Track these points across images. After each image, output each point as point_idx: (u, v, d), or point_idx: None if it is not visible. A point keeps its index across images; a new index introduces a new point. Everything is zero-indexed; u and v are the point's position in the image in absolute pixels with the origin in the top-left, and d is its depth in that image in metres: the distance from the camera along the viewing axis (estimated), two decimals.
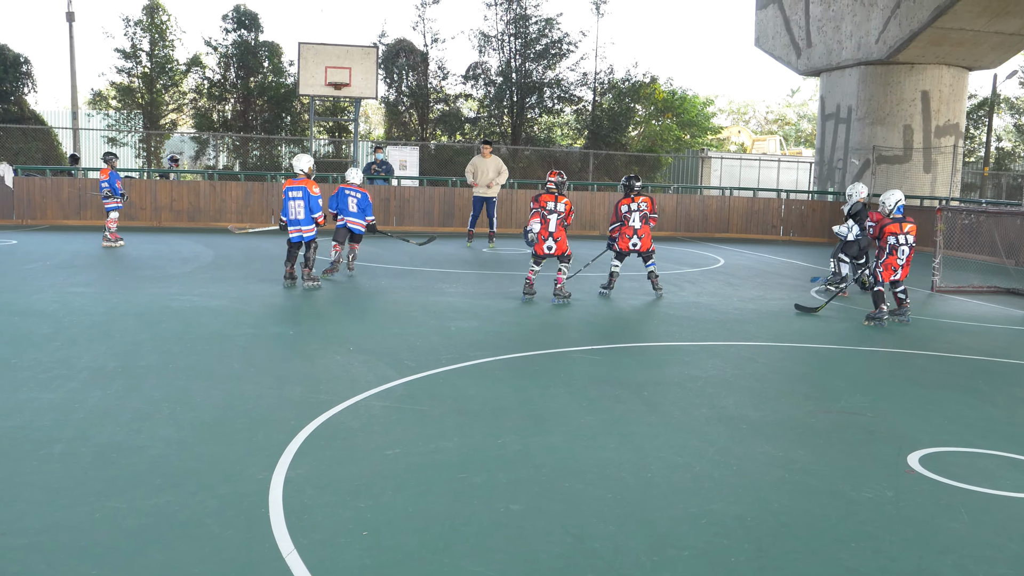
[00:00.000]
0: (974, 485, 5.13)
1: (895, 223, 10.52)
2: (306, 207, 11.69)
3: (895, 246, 10.47)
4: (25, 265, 12.96)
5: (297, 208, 11.69)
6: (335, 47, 23.53)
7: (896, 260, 10.46)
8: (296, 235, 11.78)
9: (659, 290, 12.01)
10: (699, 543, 4.23)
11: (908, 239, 10.47)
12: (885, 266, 10.48)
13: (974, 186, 34.86)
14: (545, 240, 11.20)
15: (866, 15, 24.48)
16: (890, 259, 10.47)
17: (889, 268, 10.47)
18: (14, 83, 29.53)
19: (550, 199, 11.21)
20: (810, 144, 53.70)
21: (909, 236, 10.48)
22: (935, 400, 7.18)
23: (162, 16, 30.15)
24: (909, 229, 10.50)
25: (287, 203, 11.76)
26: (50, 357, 7.41)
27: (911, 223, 10.60)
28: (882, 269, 10.48)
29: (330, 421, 5.91)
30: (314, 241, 11.83)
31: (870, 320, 10.46)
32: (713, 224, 23.75)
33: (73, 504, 4.40)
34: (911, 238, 10.50)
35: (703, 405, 6.68)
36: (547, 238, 11.19)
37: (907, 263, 10.54)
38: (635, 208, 11.75)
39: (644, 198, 11.85)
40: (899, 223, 10.51)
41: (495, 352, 8.19)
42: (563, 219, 11.26)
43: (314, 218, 11.75)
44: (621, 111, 33.48)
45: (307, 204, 11.68)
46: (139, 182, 20.99)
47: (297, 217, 11.71)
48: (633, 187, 11.89)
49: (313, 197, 11.67)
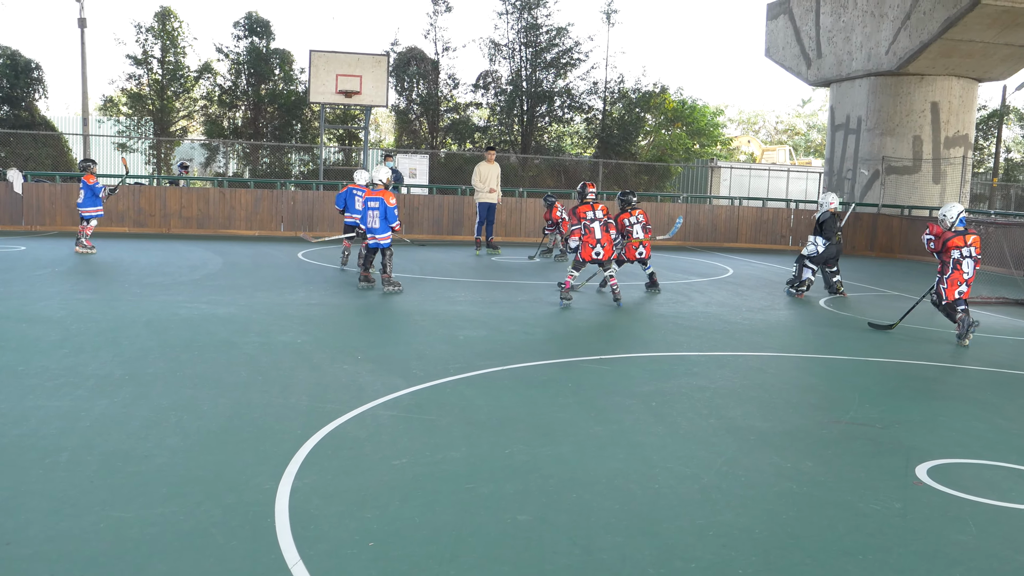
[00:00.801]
0: (983, 497, 5.10)
1: (958, 236, 10.02)
2: (382, 216, 12.26)
3: (959, 260, 9.98)
4: (33, 272, 12.98)
5: (374, 217, 12.30)
6: (346, 55, 23.62)
7: (962, 275, 9.94)
8: (373, 242, 12.42)
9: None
10: (707, 555, 4.20)
11: (971, 251, 9.98)
12: (950, 282, 9.98)
13: (983, 197, 34.77)
14: (593, 247, 11.67)
15: (876, 26, 24.45)
16: (956, 274, 9.96)
17: (954, 284, 9.96)
18: (25, 89, 29.63)
19: (588, 209, 11.78)
20: (820, 154, 53.62)
21: (972, 248, 9.99)
22: (944, 411, 7.14)
23: (174, 23, 30.24)
24: (972, 241, 10.00)
25: (365, 212, 12.45)
26: (57, 364, 7.42)
27: (974, 234, 10.10)
28: (947, 286, 9.98)
29: (337, 431, 5.90)
30: (390, 248, 12.41)
31: (961, 338, 9.97)
32: (722, 234, 23.74)
33: (78, 513, 4.40)
34: (974, 250, 10.01)
35: (711, 416, 6.66)
36: (594, 245, 11.67)
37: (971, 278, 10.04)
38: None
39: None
40: (962, 236, 10.03)
41: (503, 362, 8.18)
42: (605, 224, 11.73)
43: (391, 227, 12.33)
44: (631, 120, 33.48)
45: (383, 214, 12.25)
46: (149, 189, 21.05)
47: (374, 226, 12.33)
48: (630, 202, 12.37)
49: (389, 208, 12.25)
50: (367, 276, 12.70)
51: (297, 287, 12.42)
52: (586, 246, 11.77)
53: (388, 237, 12.34)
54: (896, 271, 17.95)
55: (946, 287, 10.00)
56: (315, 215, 21.27)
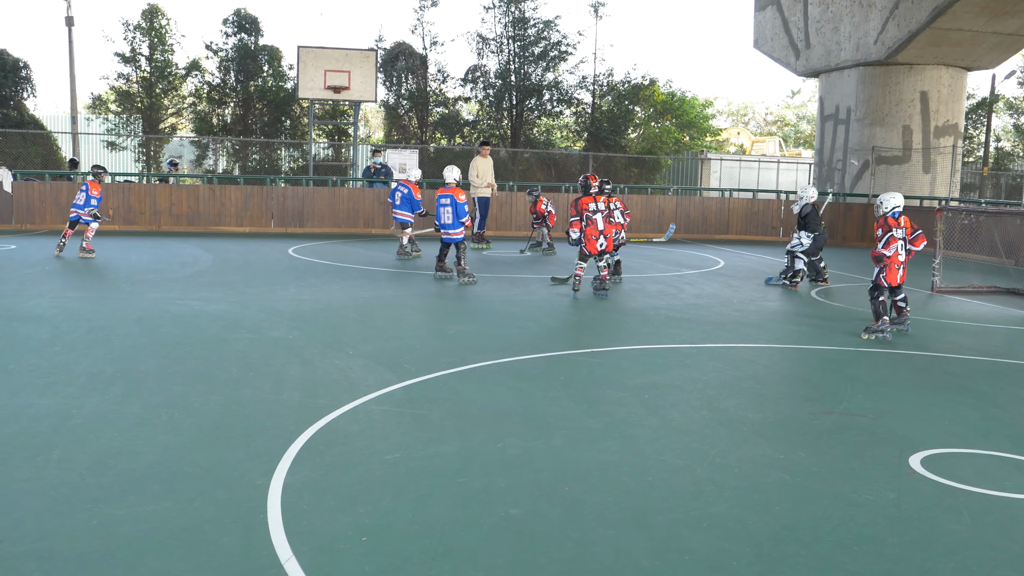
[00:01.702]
0: (976, 486, 5.10)
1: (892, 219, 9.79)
2: (454, 212, 13.16)
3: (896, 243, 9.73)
4: (23, 270, 12.93)
5: (446, 213, 13.21)
6: (334, 51, 23.57)
7: (897, 258, 9.73)
8: (447, 237, 13.33)
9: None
10: (700, 547, 4.20)
11: (903, 233, 9.72)
12: (890, 268, 9.75)
13: (973, 186, 34.86)
14: (596, 239, 11.80)
15: (864, 16, 24.48)
16: (892, 260, 9.73)
17: (892, 267, 9.74)
18: (13, 88, 29.54)
19: (590, 201, 11.89)
20: (809, 145, 53.71)
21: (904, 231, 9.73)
22: (936, 401, 7.15)
23: (162, 20, 30.16)
24: (904, 223, 9.75)
25: (439, 209, 13.32)
26: (48, 362, 7.38)
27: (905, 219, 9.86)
28: (886, 273, 9.79)
29: (329, 426, 5.89)
30: (463, 242, 13.28)
31: (870, 334, 9.76)
32: (713, 226, 23.74)
33: (70, 511, 4.38)
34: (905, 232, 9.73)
35: (704, 408, 6.66)
36: (598, 236, 11.80)
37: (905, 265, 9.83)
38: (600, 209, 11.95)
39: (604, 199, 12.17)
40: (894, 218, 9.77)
41: (495, 355, 8.17)
42: (608, 216, 11.89)
43: (461, 222, 13.19)
44: (620, 113, 33.49)
45: (455, 210, 13.15)
46: (138, 186, 20.97)
47: (447, 222, 13.23)
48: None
49: (460, 204, 13.15)
50: (443, 267, 13.42)
51: (288, 283, 12.39)
52: (590, 238, 11.83)
53: (460, 232, 13.20)
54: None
55: (886, 273, 9.78)
56: (305, 211, 21.21)
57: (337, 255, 16.30)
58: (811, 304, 12.21)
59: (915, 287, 14.25)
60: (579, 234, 11.86)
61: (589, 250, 11.85)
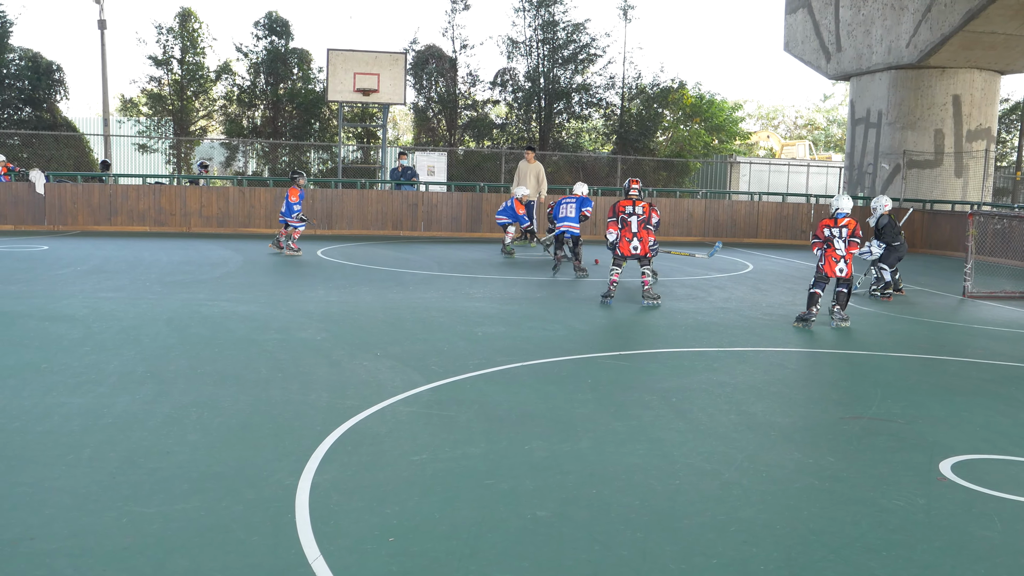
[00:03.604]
0: (1008, 493, 5.05)
1: (828, 219, 10.92)
2: (576, 207, 14.99)
3: (830, 239, 10.74)
4: (56, 270, 13.07)
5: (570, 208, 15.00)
6: (364, 53, 23.66)
7: (835, 252, 10.68)
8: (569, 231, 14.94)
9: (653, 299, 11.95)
10: (727, 551, 4.19)
11: (841, 232, 10.69)
12: (827, 258, 10.71)
13: (1006, 191, 34.47)
14: (630, 241, 11.78)
15: (896, 19, 24.29)
16: (829, 252, 10.72)
17: (831, 261, 10.68)
18: (47, 90, 29.85)
19: (627, 204, 11.88)
20: (840, 149, 53.32)
21: (844, 230, 10.69)
22: (967, 407, 7.08)
23: (194, 24, 30.38)
24: (844, 223, 10.72)
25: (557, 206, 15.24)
26: (79, 362, 7.46)
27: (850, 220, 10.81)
28: (824, 262, 10.74)
29: (357, 427, 5.91)
30: (579, 237, 15.02)
31: (799, 322, 10.62)
32: (742, 229, 23.63)
33: (100, 509, 4.42)
34: (845, 232, 10.68)
35: (732, 411, 6.63)
36: (631, 239, 11.78)
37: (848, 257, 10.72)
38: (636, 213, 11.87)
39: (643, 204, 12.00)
40: (832, 218, 10.83)
41: (522, 358, 8.17)
42: (644, 220, 11.82)
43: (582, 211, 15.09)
44: (649, 116, 33.41)
45: (577, 205, 15.02)
46: (169, 188, 21.14)
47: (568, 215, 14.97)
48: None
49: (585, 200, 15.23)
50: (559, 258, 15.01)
51: (316, 284, 12.45)
52: (624, 240, 11.83)
53: (578, 227, 14.88)
54: (917, 266, 17.83)
55: (823, 263, 10.77)
56: (334, 213, 21.31)
57: (366, 257, 16.36)
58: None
59: (946, 292, 14.16)
60: (616, 235, 11.84)
61: (622, 251, 11.82)
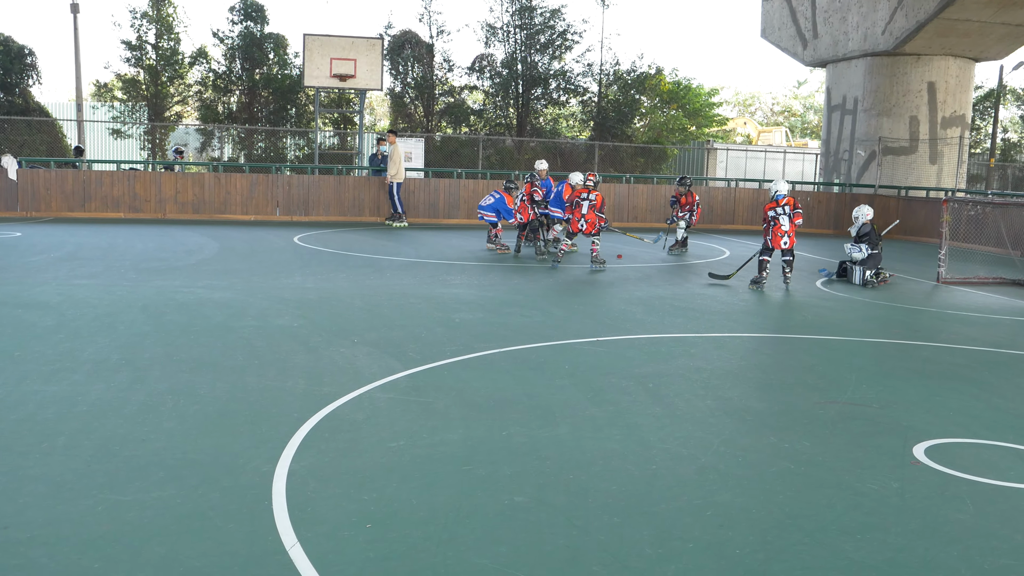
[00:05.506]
0: (980, 476, 5.11)
1: (772, 202, 12.71)
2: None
3: (775, 218, 12.57)
4: (29, 257, 12.96)
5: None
6: (340, 39, 23.50)
7: (780, 228, 12.50)
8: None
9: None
10: (704, 535, 4.21)
11: (785, 209, 12.54)
12: (774, 234, 12.56)
13: (980, 177, 34.75)
14: (579, 220, 13.91)
15: (872, 6, 24.38)
16: (775, 228, 12.54)
17: (777, 236, 12.53)
18: (19, 75, 29.49)
19: (583, 191, 14.08)
20: (816, 135, 53.55)
21: (786, 207, 12.56)
22: (941, 391, 7.15)
23: (168, 8, 30.11)
24: (785, 202, 12.58)
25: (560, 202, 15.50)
26: (53, 350, 7.40)
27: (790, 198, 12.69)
28: (771, 236, 12.59)
29: (334, 413, 5.90)
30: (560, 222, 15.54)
31: (753, 284, 12.46)
32: (718, 216, 23.71)
33: (76, 497, 4.40)
34: (788, 208, 12.55)
35: (708, 396, 6.66)
36: (580, 219, 13.92)
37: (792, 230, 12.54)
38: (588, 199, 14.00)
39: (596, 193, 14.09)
40: (774, 200, 12.67)
41: (500, 344, 8.18)
42: (593, 205, 13.91)
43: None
44: (626, 102, 33.40)
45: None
46: (143, 174, 20.97)
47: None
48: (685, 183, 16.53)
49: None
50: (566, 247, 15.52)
51: (293, 271, 12.40)
52: (575, 220, 14.01)
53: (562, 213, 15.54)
54: (892, 252, 17.91)
55: (771, 238, 12.62)
56: (310, 199, 21.22)
57: (342, 244, 16.31)
58: (816, 294, 12.20)
59: (921, 278, 14.26)
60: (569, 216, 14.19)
61: (573, 228, 14.16)
